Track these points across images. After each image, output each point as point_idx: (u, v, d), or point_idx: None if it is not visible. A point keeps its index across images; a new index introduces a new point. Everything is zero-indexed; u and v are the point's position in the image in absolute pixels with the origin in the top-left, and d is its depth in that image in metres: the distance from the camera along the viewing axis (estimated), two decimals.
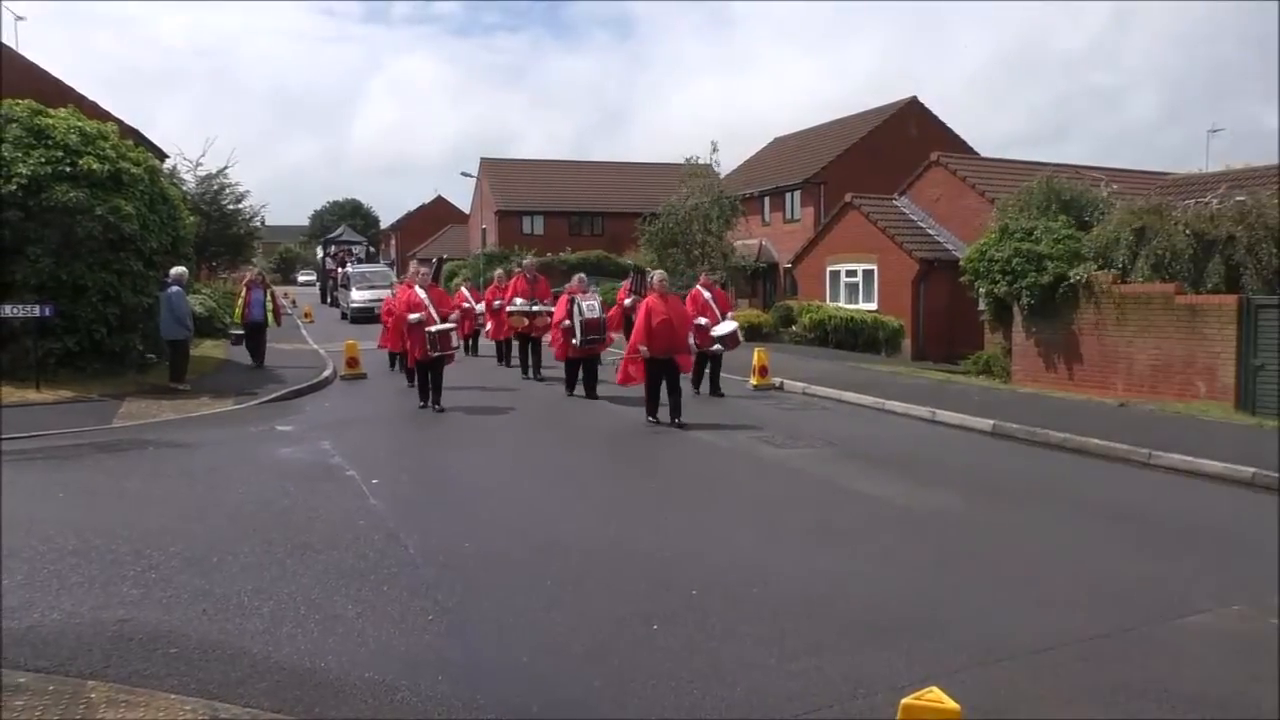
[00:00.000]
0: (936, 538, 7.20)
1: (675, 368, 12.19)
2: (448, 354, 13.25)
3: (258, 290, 18.64)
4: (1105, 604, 5.69)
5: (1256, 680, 4.65)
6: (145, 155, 16.71)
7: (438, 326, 12.88)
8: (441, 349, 12.96)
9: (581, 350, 14.31)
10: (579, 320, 13.95)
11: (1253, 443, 10.72)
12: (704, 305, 14.83)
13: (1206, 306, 14.88)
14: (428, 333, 12.76)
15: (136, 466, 9.37)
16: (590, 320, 14.00)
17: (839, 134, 38.28)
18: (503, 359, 19.57)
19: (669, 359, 11.99)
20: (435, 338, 12.81)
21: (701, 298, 14.97)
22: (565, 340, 14.49)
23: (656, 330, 11.76)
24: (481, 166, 53.67)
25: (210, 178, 36.20)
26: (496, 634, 5.12)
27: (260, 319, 18.51)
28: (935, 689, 3.36)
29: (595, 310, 14.16)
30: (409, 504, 8.07)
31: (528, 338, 17.38)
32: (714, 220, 29.18)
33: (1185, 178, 23.83)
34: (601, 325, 14.28)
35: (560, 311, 14.66)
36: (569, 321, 14.20)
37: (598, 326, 14.16)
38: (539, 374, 17.00)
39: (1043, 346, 17.92)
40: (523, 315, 17.15)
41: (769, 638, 5.07)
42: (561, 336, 14.58)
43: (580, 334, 14.00)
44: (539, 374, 17.00)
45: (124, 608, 5.34)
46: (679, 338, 12.18)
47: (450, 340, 13.20)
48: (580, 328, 13.96)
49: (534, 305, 17.16)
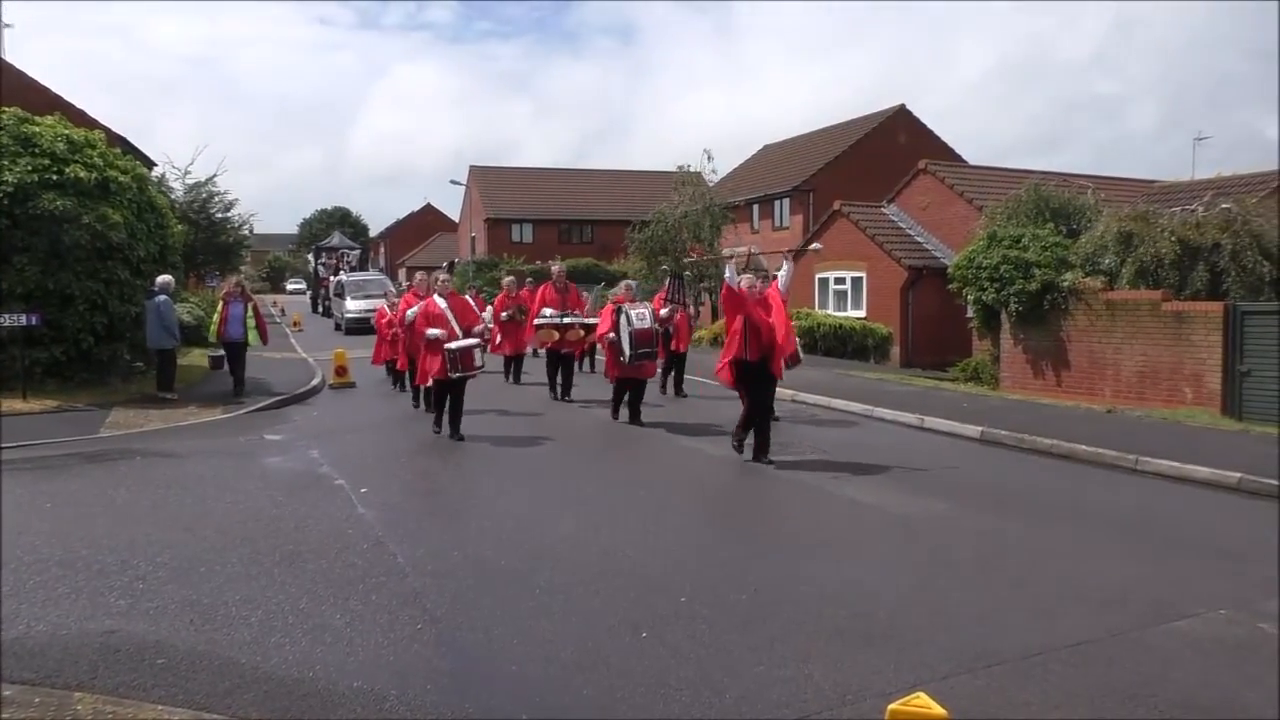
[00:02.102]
0: (925, 544, 7.21)
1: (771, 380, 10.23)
2: (470, 374, 11.49)
3: (236, 304, 15.78)
4: (1093, 609, 5.71)
5: (1244, 684, 4.67)
6: (133, 163, 16.68)
7: (459, 343, 11.18)
8: (464, 369, 11.23)
9: (631, 368, 12.52)
10: (628, 331, 12.22)
11: (1239, 448, 10.78)
12: None
13: (1193, 313, 14.97)
14: (447, 350, 11.06)
15: (124, 477, 9.32)
16: (641, 331, 12.23)
17: (828, 142, 38.44)
18: (510, 375, 17.58)
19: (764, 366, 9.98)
20: (457, 356, 11.09)
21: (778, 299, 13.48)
22: (612, 356, 12.88)
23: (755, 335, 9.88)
24: (471, 174, 53.62)
25: (199, 186, 36.12)
26: (485, 642, 5.11)
27: (239, 337, 15.65)
28: (922, 694, 3.37)
29: (646, 319, 12.44)
30: (398, 512, 8.05)
31: (558, 354, 15.27)
32: (704, 228, 29.22)
33: (1171, 185, 24.04)
34: (655, 337, 12.58)
35: (605, 324, 13.00)
36: (614, 335, 12.59)
37: (650, 338, 12.42)
38: (568, 395, 15.14)
39: (1031, 353, 18.01)
40: (552, 329, 14.87)
41: (758, 645, 5.07)
42: (611, 354, 12.91)
43: (630, 347, 12.21)
44: (568, 395, 15.14)
45: (111, 618, 5.31)
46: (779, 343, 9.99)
47: (474, 359, 11.36)
48: (629, 340, 12.21)
49: (565, 317, 14.95)
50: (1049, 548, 7.07)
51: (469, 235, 54.61)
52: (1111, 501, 8.71)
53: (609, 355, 12.98)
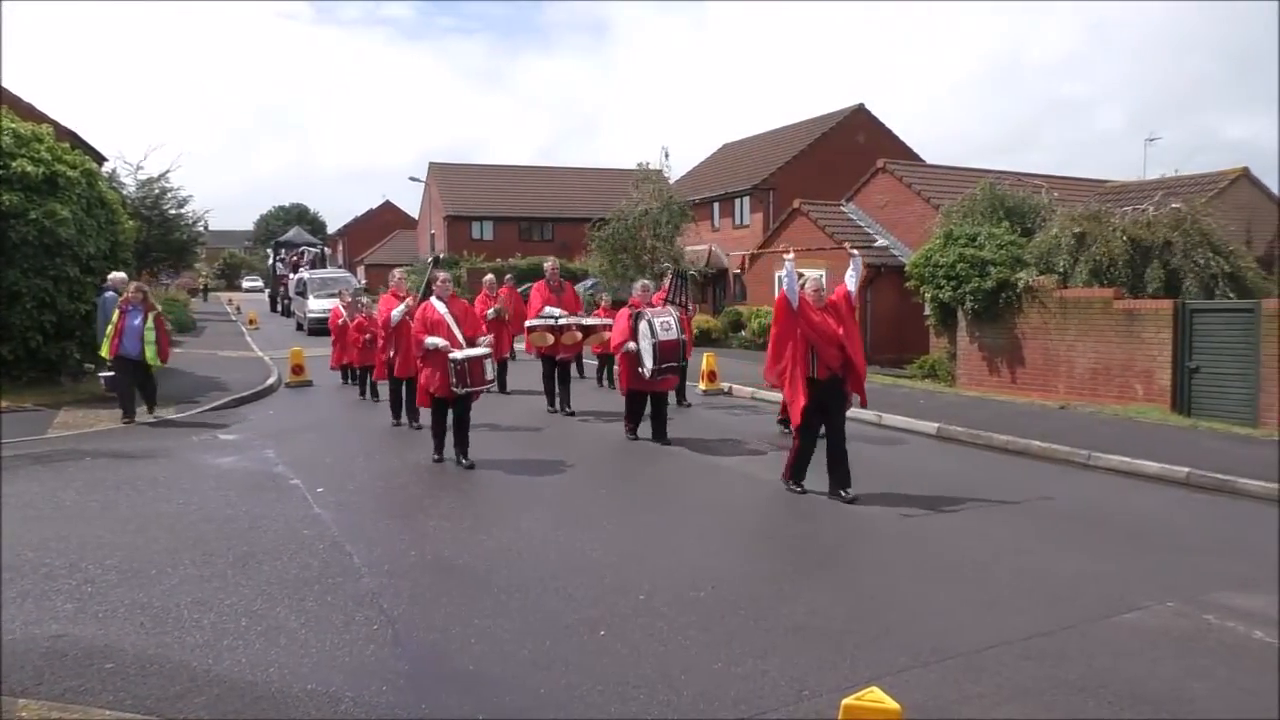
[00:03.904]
0: (882, 540, 7.28)
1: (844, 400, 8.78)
2: (480, 389, 9.89)
3: (135, 313, 12.56)
4: (1046, 603, 5.80)
5: (1191, 675, 4.76)
6: (82, 158, 16.32)
7: (465, 353, 9.57)
8: (472, 383, 9.60)
9: (651, 381, 11.08)
10: (651, 342, 10.77)
11: (1188, 444, 11.01)
12: None
13: (1144, 311, 15.25)
14: (452, 361, 9.47)
15: (72, 478, 9.14)
16: (667, 343, 10.78)
17: (787, 140, 38.62)
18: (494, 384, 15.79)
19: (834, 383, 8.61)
20: (464, 367, 9.48)
21: None
22: (630, 368, 11.31)
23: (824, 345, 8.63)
24: (430, 171, 53.21)
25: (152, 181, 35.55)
26: (443, 642, 5.08)
27: (136, 353, 12.49)
28: (876, 689, 3.40)
29: (672, 330, 10.91)
30: (355, 512, 7.97)
31: (553, 361, 13.72)
32: (664, 225, 29.23)
33: (1124, 185, 24.49)
34: (681, 348, 11.04)
35: (621, 331, 11.35)
36: (634, 345, 11.08)
37: (675, 351, 10.89)
38: (568, 407, 13.70)
39: (986, 350, 18.23)
40: (546, 332, 13.31)
41: (716, 642, 5.09)
42: (626, 364, 11.40)
43: (653, 360, 10.76)
44: (568, 407, 13.70)
45: (58, 623, 5.21)
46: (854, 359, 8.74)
47: (484, 371, 9.71)
48: (654, 352, 10.75)
49: (560, 319, 13.39)
50: (1003, 543, 7.16)
51: (429, 233, 54.21)
52: (1064, 497, 8.84)
53: (624, 366, 11.47)
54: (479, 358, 9.64)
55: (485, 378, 9.75)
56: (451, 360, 9.49)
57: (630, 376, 11.32)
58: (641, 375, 11.03)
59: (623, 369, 11.51)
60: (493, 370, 10.04)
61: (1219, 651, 5.07)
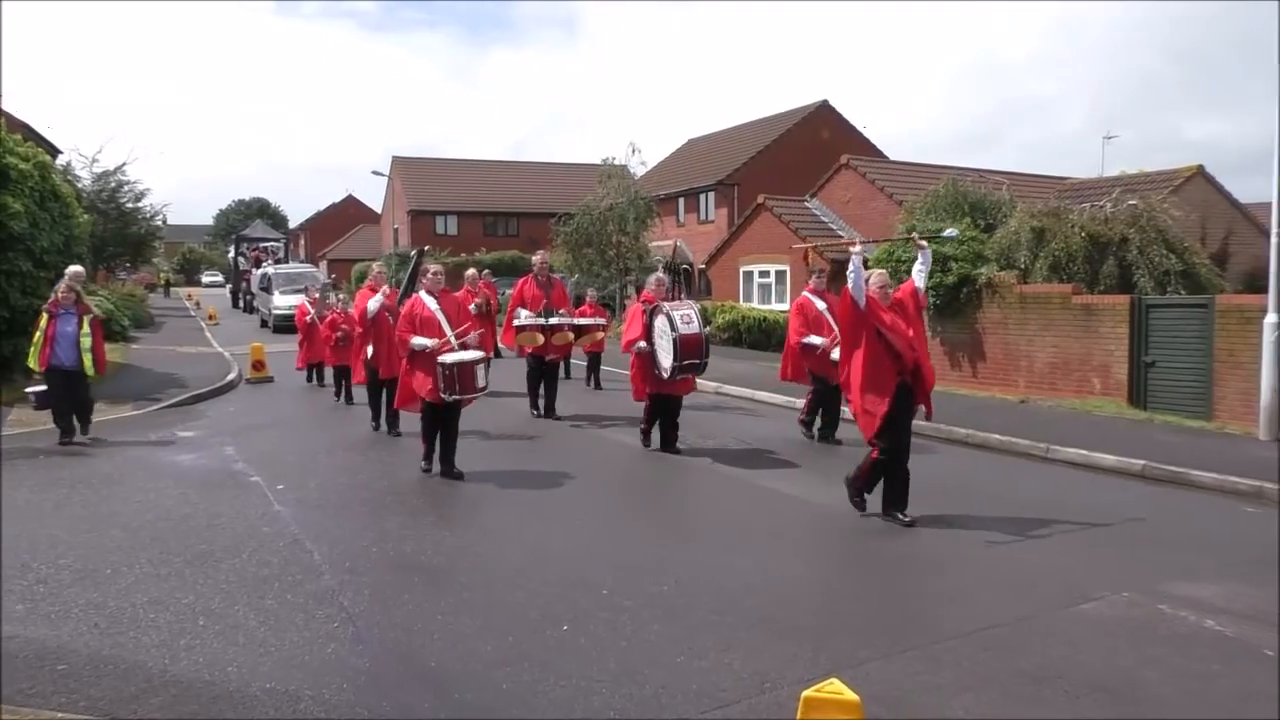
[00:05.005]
0: (844, 534, 7.34)
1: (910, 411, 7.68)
2: (470, 397, 9.02)
3: (68, 318, 10.72)
4: (1005, 594, 5.86)
5: (1145, 664, 4.84)
6: (35, 150, 16.01)
7: (456, 357, 8.68)
8: (462, 390, 8.72)
9: (669, 382, 10.09)
10: (671, 338, 9.74)
11: (1143, 437, 11.20)
12: (817, 319, 10.97)
13: (1101, 306, 15.46)
14: (441, 365, 8.61)
15: (25, 476, 8.98)
16: (688, 337, 9.74)
17: (751, 136, 38.74)
18: None
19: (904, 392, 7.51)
20: (453, 373, 8.63)
21: (813, 309, 11.06)
22: (646, 370, 10.29)
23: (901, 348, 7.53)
24: (393, 165, 52.74)
25: (108, 174, 34.96)
26: (404, 640, 5.04)
27: (72, 363, 10.64)
28: (836, 680, 3.42)
29: (694, 323, 9.89)
30: (316, 509, 7.89)
31: (541, 361, 12.72)
32: (629, 221, 29.24)
33: (1082, 182, 24.80)
34: (704, 345, 10.00)
35: (635, 328, 10.27)
36: (648, 343, 10.09)
37: (699, 346, 9.87)
38: (553, 411, 12.77)
39: (948, 345, 18.40)
40: (535, 332, 12.39)
41: (678, 636, 5.09)
42: (640, 366, 10.38)
43: (674, 357, 9.74)
44: (553, 411, 12.77)
45: (9, 624, 5.12)
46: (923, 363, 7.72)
47: (475, 377, 8.78)
48: (674, 348, 9.73)
49: (550, 317, 12.49)
50: (963, 535, 7.23)
51: (391, 227, 53.76)
52: (1023, 489, 8.96)
53: (637, 368, 10.43)
54: (470, 363, 8.71)
55: (477, 385, 8.84)
56: (440, 364, 8.62)
57: (647, 379, 10.27)
58: (659, 377, 10.06)
59: (635, 372, 10.48)
60: (485, 376, 9.01)
61: (1172, 640, 5.16)
